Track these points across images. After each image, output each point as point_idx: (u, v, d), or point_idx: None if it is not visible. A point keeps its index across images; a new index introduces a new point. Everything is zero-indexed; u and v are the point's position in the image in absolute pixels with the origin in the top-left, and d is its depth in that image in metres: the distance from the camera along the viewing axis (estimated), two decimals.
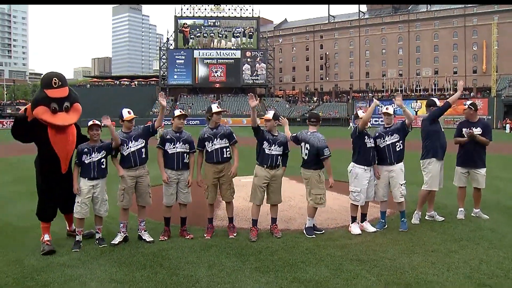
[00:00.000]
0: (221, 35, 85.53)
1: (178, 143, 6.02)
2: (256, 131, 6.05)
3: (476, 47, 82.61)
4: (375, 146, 6.46)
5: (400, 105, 6.53)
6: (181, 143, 6.03)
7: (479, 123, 7.15)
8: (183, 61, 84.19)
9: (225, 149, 6.07)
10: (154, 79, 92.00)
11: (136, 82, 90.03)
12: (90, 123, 5.74)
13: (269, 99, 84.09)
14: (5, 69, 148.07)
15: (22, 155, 16.16)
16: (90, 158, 5.70)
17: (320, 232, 6.21)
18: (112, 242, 5.70)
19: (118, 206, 5.94)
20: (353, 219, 6.34)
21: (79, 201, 5.66)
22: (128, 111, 5.98)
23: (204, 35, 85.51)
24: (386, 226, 6.50)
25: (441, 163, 6.87)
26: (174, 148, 6.01)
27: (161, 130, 6.72)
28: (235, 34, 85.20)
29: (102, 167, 5.80)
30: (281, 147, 6.10)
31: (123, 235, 5.83)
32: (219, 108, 6.18)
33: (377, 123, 11.19)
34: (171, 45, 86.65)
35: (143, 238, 5.89)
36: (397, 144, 6.46)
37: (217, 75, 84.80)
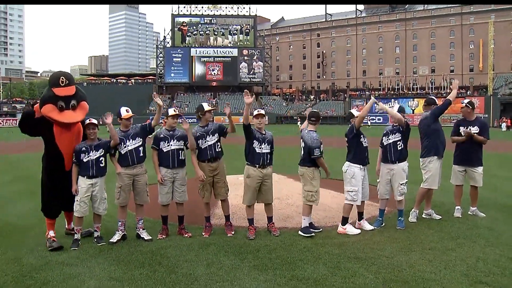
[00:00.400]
0: (217, 32, 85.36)
1: (172, 140, 6.07)
2: (246, 129, 6.05)
3: (473, 46, 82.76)
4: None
5: (382, 108, 7.05)
6: (175, 140, 6.08)
7: (476, 122, 7.17)
8: (180, 59, 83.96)
9: (217, 144, 6.15)
10: (151, 77, 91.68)
11: (133, 80, 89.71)
12: (87, 121, 5.76)
13: (266, 97, 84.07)
14: (1, 67, 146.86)
15: (23, 153, 16.11)
16: (88, 157, 5.71)
17: (318, 230, 6.23)
18: (111, 241, 5.71)
19: (115, 204, 5.97)
20: (345, 220, 6.22)
21: (78, 200, 5.67)
22: (126, 109, 6.02)
23: (201, 33, 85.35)
24: (384, 224, 6.53)
25: (441, 161, 6.90)
26: (168, 146, 6.05)
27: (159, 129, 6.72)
28: (231, 31, 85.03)
29: (101, 165, 5.81)
30: (269, 145, 6.16)
31: (121, 233, 5.84)
32: (210, 107, 6.27)
33: (374, 121, 11.23)
34: (168, 43, 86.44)
35: (141, 236, 5.90)
36: (398, 143, 6.48)
37: (214, 73, 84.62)
